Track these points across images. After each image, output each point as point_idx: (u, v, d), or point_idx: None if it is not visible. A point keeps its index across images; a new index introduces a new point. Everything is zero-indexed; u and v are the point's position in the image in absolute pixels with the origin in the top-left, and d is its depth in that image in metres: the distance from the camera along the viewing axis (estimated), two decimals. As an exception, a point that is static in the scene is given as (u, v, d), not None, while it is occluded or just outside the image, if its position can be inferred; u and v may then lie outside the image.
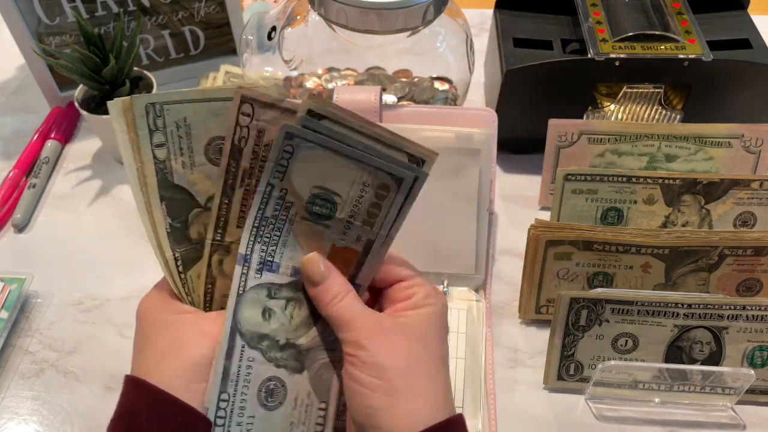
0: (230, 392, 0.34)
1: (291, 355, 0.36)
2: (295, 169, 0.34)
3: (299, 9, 0.63)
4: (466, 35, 0.65)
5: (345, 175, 0.34)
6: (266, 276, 0.35)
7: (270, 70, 0.66)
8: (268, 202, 0.34)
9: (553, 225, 0.51)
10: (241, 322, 0.35)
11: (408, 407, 0.32)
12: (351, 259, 0.36)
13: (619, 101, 0.63)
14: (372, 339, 0.33)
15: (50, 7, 0.66)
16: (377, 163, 0.33)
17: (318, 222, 0.35)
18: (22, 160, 0.68)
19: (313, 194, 0.34)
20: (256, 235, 0.35)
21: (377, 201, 0.34)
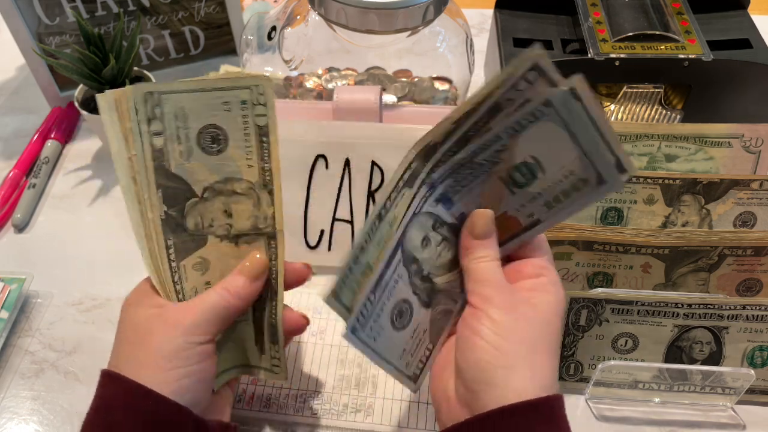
0: (377, 296, 0.35)
1: (426, 288, 0.37)
2: (529, 133, 0.34)
3: (299, 9, 0.63)
4: (466, 35, 0.65)
5: (562, 157, 0.34)
6: (440, 208, 0.37)
7: (270, 70, 0.66)
8: (485, 149, 0.35)
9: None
10: (407, 239, 0.36)
11: (522, 374, 0.33)
12: (513, 229, 0.37)
13: (619, 101, 0.63)
14: (505, 303, 0.35)
15: (50, 7, 0.66)
16: (597, 160, 0.33)
17: (510, 186, 0.36)
18: (22, 160, 0.68)
19: (524, 161, 0.35)
20: (455, 171, 0.36)
21: (570, 190, 0.35)
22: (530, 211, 0.36)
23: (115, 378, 0.36)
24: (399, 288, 0.36)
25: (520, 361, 0.33)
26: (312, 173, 0.55)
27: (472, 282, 0.36)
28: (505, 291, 0.36)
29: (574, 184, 0.35)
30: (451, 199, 0.37)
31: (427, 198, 0.36)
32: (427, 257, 0.37)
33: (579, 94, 0.32)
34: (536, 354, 0.34)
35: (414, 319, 0.37)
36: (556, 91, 0.32)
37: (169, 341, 0.36)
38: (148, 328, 0.37)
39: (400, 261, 0.36)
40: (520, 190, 0.36)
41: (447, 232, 0.38)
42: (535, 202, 0.36)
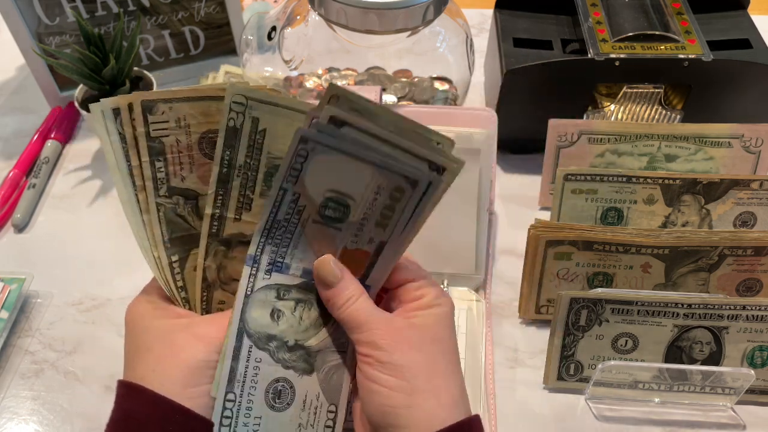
0: (237, 393, 0.34)
1: (300, 357, 0.36)
2: (310, 173, 0.33)
3: (299, 9, 0.63)
4: (466, 35, 0.65)
5: (360, 178, 0.33)
6: (275, 277, 0.35)
7: (270, 70, 0.66)
8: (280, 205, 0.34)
9: (553, 225, 0.51)
10: (249, 322, 0.35)
11: (428, 406, 0.32)
12: (362, 260, 0.36)
13: (619, 101, 0.63)
14: (388, 339, 0.33)
15: (50, 7, 0.66)
16: (393, 167, 0.33)
17: (330, 225, 0.35)
18: (22, 160, 0.68)
19: (326, 197, 0.34)
20: (267, 237, 0.35)
21: (391, 203, 0.34)
22: (368, 237, 0.35)
23: (139, 390, 0.34)
24: (264, 372, 0.35)
25: (420, 394, 0.33)
26: (312, 173, 0.55)
27: (351, 330, 0.35)
28: (383, 325, 0.34)
29: (391, 195, 0.34)
30: (283, 262, 0.36)
31: (255, 275, 0.35)
32: (286, 328, 0.36)
33: (341, 118, 0.32)
34: (434, 379, 0.33)
35: (298, 392, 0.36)
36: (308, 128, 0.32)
37: (197, 355, 0.34)
38: (176, 341, 0.35)
39: (251, 347, 0.35)
40: (343, 223, 0.35)
41: (299, 293, 0.36)
42: (366, 227, 0.35)
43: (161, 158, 0.36)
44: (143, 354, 0.35)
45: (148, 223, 0.37)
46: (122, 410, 0.34)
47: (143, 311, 0.37)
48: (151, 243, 0.37)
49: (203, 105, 0.36)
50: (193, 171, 0.37)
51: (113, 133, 0.35)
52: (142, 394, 0.34)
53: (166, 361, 0.34)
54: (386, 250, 0.35)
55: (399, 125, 0.33)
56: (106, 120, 0.35)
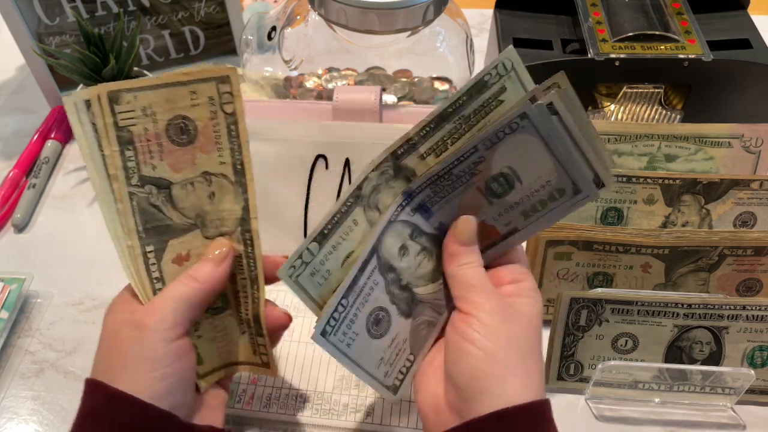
0: (350, 300, 0.35)
1: (405, 298, 0.37)
2: (505, 144, 0.35)
3: (299, 9, 0.63)
4: (466, 35, 0.65)
5: (540, 167, 0.35)
6: (417, 218, 0.37)
7: (270, 70, 0.66)
8: (462, 161, 0.35)
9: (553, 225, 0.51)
10: (383, 245, 0.36)
11: (515, 381, 0.33)
12: (491, 238, 0.38)
13: (619, 101, 0.63)
14: (495, 308, 0.35)
15: (50, 7, 0.66)
16: (570, 169, 0.35)
17: (488, 196, 0.36)
18: (22, 160, 0.68)
19: (501, 172, 0.36)
20: (434, 182, 0.36)
21: (547, 200, 0.36)
22: (508, 220, 0.37)
23: (96, 386, 0.35)
24: (375, 295, 0.36)
25: (513, 368, 0.34)
26: (312, 173, 0.55)
27: (460, 288, 0.36)
28: (493, 296, 0.35)
29: (551, 193, 0.36)
30: (430, 209, 0.37)
31: (404, 207, 0.36)
32: (405, 266, 0.37)
33: (556, 108, 0.33)
34: (527, 360, 0.34)
35: (392, 328, 0.37)
36: (532, 105, 0.33)
37: (140, 343, 0.35)
38: (120, 333, 0.36)
39: (376, 268, 0.36)
40: (498, 200, 0.36)
41: (426, 242, 0.38)
42: (513, 211, 0.37)
43: (130, 147, 0.36)
44: (100, 350, 0.37)
45: (122, 212, 0.37)
46: (83, 407, 0.36)
47: (109, 307, 0.39)
48: (125, 232, 0.37)
49: (167, 92, 0.36)
50: (163, 159, 0.37)
51: (86, 123, 0.35)
52: (98, 388, 0.35)
53: (115, 355, 0.36)
54: (513, 238, 0.37)
55: (587, 130, 0.35)
56: (78, 112, 0.35)
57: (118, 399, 0.34)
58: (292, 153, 0.54)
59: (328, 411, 0.48)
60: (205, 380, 0.41)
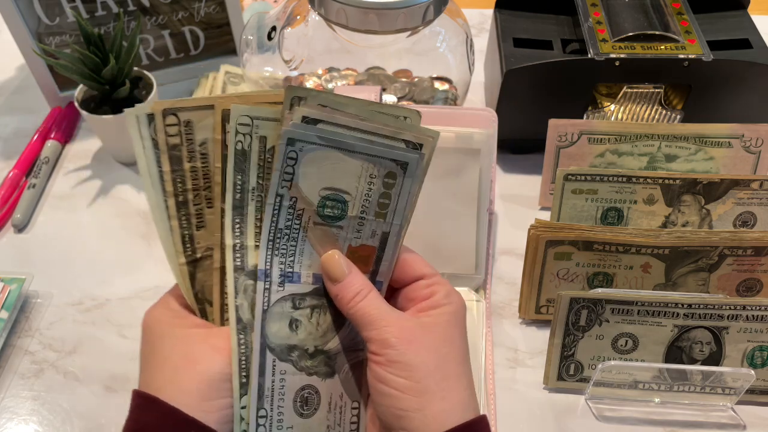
0: (267, 408, 0.35)
1: (321, 361, 0.36)
2: (302, 174, 0.33)
3: (299, 9, 0.63)
4: (466, 35, 0.65)
5: (351, 170, 0.34)
6: (288, 287, 0.35)
7: (270, 70, 0.66)
8: (279, 213, 0.34)
9: (553, 225, 0.51)
10: (270, 336, 0.35)
11: (438, 408, 0.32)
12: (369, 256, 0.36)
13: (619, 101, 0.63)
14: (399, 337, 0.33)
15: (50, 7, 0.66)
16: (381, 152, 0.33)
17: (331, 224, 0.35)
18: (22, 160, 0.68)
19: (322, 197, 0.34)
20: (273, 248, 0.35)
21: (386, 191, 0.34)
22: (370, 231, 0.35)
23: (154, 401, 0.33)
24: (290, 382, 0.35)
25: (431, 396, 0.32)
26: (312, 173, 0.55)
27: (361, 327, 0.34)
28: (394, 323, 0.33)
29: (384, 182, 0.34)
30: (293, 271, 0.35)
31: (269, 289, 0.35)
32: (305, 336, 0.36)
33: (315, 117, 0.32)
34: (445, 380, 0.33)
35: (323, 396, 0.36)
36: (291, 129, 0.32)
37: (214, 367, 0.34)
38: (194, 352, 0.34)
39: (274, 361, 0.35)
40: (343, 220, 0.35)
41: (313, 299, 0.36)
42: (367, 221, 0.35)
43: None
44: (160, 362, 0.35)
45: (175, 229, 0.36)
46: (136, 421, 0.34)
47: (161, 317, 0.36)
48: (177, 250, 0.36)
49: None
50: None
51: (146, 138, 0.35)
52: (156, 405, 0.33)
53: (183, 372, 0.34)
54: (389, 240, 0.35)
55: (366, 110, 0.33)
56: (140, 125, 0.34)
57: (178, 419, 0.32)
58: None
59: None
60: None
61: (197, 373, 0.33)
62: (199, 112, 0.35)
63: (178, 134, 0.35)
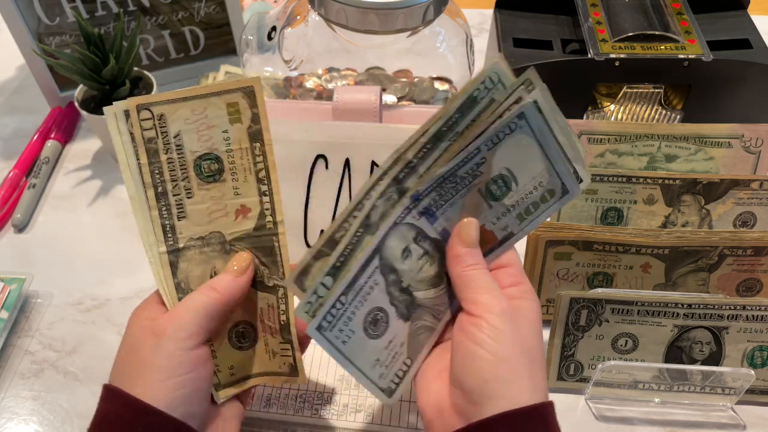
0: (349, 298, 0.35)
1: (405, 301, 0.37)
2: (504, 145, 0.35)
3: (299, 9, 0.63)
4: (466, 35, 0.65)
5: (534, 167, 0.36)
6: (422, 222, 0.37)
7: (270, 70, 0.66)
8: (466, 163, 0.35)
9: (553, 225, 0.51)
10: (386, 247, 0.36)
11: (526, 384, 0.33)
12: (488, 243, 0.38)
13: (619, 101, 0.63)
14: (503, 310, 0.35)
15: (50, 7, 0.66)
16: (561, 171, 0.35)
17: (487, 199, 0.37)
18: (22, 160, 0.68)
19: (499, 173, 0.36)
20: (440, 184, 0.36)
21: (539, 202, 0.37)
22: (504, 224, 0.37)
23: (113, 392, 0.35)
24: (374, 295, 0.36)
25: (521, 372, 0.33)
26: (312, 173, 0.55)
27: (468, 290, 0.36)
28: (501, 299, 0.35)
29: (543, 195, 0.36)
30: (435, 213, 0.37)
31: (411, 210, 0.36)
32: (407, 269, 0.37)
33: (540, 106, 0.34)
34: (534, 363, 0.34)
35: (390, 329, 0.37)
36: (528, 104, 0.34)
37: (158, 351, 0.35)
38: (139, 340, 0.36)
39: (377, 268, 0.36)
40: (496, 203, 0.37)
41: (429, 246, 0.37)
42: (509, 214, 0.37)
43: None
44: (119, 356, 0.37)
45: (155, 219, 0.38)
46: (99, 413, 0.36)
47: (133, 314, 0.39)
48: (157, 239, 0.38)
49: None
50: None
51: (124, 132, 0.36)
52: (114, 395, 0.35)
53: (133, 361, 0.36)
54: (510, 241, 0.38)
55: (564, 127, 0.35)
56: (117, 121, 0.36)
57: (134, 407, 0.34)
58: (292, 153, 0.54)
59: (328, 411, 0.48)
60: (223, 392, 0.40)
61: (143, 359, 0.35)
62: (171, 105, 0.36)
63: (153, 127, 0.37)
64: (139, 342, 0.36)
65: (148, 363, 0.35)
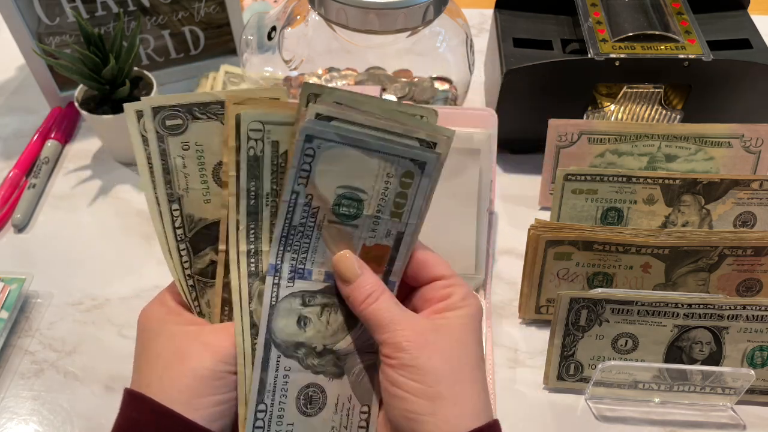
0: (267, 403, 0.34)
1: (329, 361, 0.36)
2: (319, 172, 0.33)
3: (299, 9, 0.63)
4: (466, 35, 0.65)
5: (368, 169, 0.33)
6: (299, 284, 0.35)
7: (270, 70, 0.66)
8: (294, 210, 0.34)
9: (553, 225, 0.51)
10: (276, 332, 0.35)
11: (451, 412, 0.32)
12: (383, 255, 0.35)
13: (619, 101, 0.63)
14: (412, 341, 0.33)
15: (50, 7, 0.66)
16: (400, 152, 0.33)
17: (346, 223, 0.34)
18: (22, 160, 0.68)
19: (338, 195, 0.34)
20: (285, 245, 0.34)
21: (403, 190, 0.34)
22: (385, 230, 0.35)
23: (143, 399, 0.33)
24: (294, 379, 0.35)
25: (443, 401, 0.32)
26: (312, 173, 0.55)
27: (373, 330, 0.34)
28: (408, 326, 0.33)
29: (401, 182, 0.34)
30: (304, 268, 0.35)
31: (278, 284, 0.35)
32: (314, 334, 0.35)
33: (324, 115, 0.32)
34: (458, 384, 0.33)
35: (330, 395, 0.36)
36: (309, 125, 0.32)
37: (208, 365, 0.33)
38: (185, 348, 0.34)
39: (279, 356, 0.35)
40: (358, 219, 0.34)
41: (324, 297, 0.36)
42: (381, 220, 0.35)
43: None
44: (152, 359, 0.35)
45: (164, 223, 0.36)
46: (125, 418, 0.34)
47: (155, 315, 0.36)
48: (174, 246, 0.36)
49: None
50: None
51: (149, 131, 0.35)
52: (145, 403, 0.33)
53: (173, 369, 0.33)
54: (404, 240, 0.35)
55: (382, 108, 0.33)
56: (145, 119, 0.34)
57: (165, 416, 0.32)
58: (292, 153, 0.54)
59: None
60: None
61: (187, 370, 0.33)
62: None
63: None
64: (185, 350, 0.34)
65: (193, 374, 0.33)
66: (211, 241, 0.37)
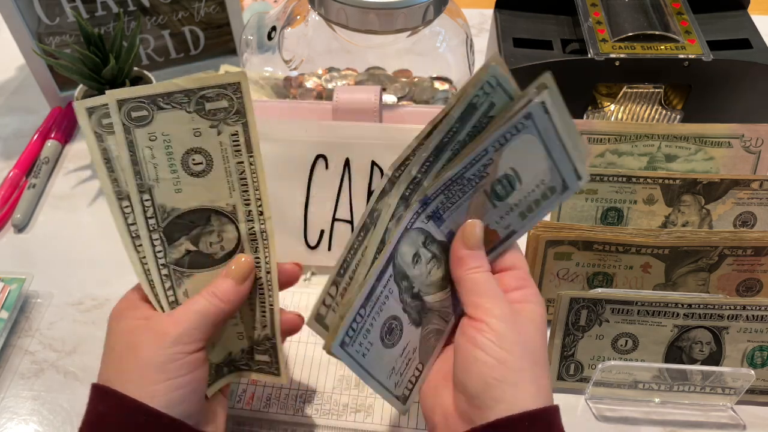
0: (367, 310, 0.35)
1: (416, 306, 0.37)
2: (511, 146, 0.35)
3: (299, 9, 0.63)
4: (466, 35, 0.65)
5: (537, 167, 0.35)
6: (431, 225, 0.37)
7: (270, 70, 0.66)
8: (474, 164, 0.35)
9: (553, 225, 0.51)
10: (399, 254, 0.36)
11: (529, 387, 0.33)
12: (491, 242, 0.38)
13: (619, 101, 0.63)
14: (505, 313, 0.34)
15: (50, 7, 0.66)
16: (563, 169, 0.35)
17: (491, 199, 0.37)
18: (22, 160, 0.68)
19: (505, 174, 0.36)
20: (447, 188, 0.36)
21: (540, 199, 0.36)
22: (507, 223, 0.37)
23: (106, 392, 0.35)
24: (389, 304, 0.36)
25: (525, 375, 0.33)
26: (312, 173, 0.55)
27: (470, 293, 0.36)
28: (503, 302, 0.35)
29: (544, 192, 0.36)
30: (442, 216, 0.37)
31: (419, 214, 0.36)
32: (417, 274, 0.37)
33: (547, 107, 0.33)
34: (537, 366, 0.34)
35: (404, 337, 0.37)
36: (535, 105, 0.33)
37: (158, 352, 0.35)
38: (136, 340, 0.36)
39: (391, 276, 0.36)
40: (500, 202, 0.37)
41: (437, 249, 0.37)
42: (512, 213, 0.37)
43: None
44: (109, 354, 0.37)
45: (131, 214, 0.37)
46: (91, 413, 0.36)
47: (116, 311, 0.38)
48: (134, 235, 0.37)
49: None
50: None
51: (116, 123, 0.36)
52: (107, 395, 0.35)
53: (127, 361, 0.35)
54: (511, 239, 0.38)
55: (571, 128, 0.35)
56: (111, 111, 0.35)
57: (129, 406, 0.34)
58: (292, 153, 0.54)
59: (328, 411, 0.48)
60: (212, 387, 0.41)
61: (139, 359, 0.35)
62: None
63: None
64: (138, 342, 0.36)
65: (149, 363, 0.35)
66: (185, 231, 0.38)
